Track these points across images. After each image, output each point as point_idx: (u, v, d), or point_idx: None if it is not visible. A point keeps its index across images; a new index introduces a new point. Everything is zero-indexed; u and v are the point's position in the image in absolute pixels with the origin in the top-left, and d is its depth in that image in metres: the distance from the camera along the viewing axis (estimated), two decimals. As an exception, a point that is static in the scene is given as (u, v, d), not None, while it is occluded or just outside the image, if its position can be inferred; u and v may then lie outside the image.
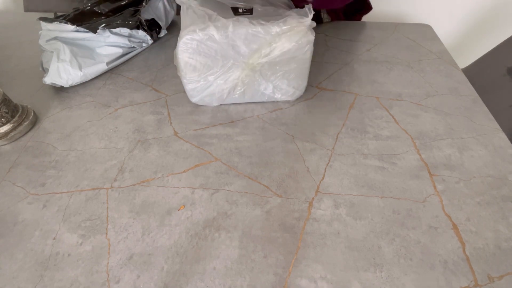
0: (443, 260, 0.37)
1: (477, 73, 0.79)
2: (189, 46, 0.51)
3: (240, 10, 0.55)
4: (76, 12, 0.72)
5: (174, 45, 0.53)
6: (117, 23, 0.71)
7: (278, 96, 0.59)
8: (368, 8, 0.86)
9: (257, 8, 0.55)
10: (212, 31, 0.49)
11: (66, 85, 0.64)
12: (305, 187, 0.45)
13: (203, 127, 0.56)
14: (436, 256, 0.37)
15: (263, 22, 0.50)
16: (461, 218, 0.41)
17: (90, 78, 0.67)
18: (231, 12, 0.54)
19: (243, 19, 0.50)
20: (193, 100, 0.59)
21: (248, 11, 0.54)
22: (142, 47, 0.78)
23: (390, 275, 0.36)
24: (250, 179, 0.47)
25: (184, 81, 0.56)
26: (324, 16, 0.85)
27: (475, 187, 0.45)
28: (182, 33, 0.51)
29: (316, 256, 0.38)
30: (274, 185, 0.46)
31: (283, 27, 0.49)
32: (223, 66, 0.54)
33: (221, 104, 0.60)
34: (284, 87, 0.58)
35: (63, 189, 0.46)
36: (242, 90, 0.57)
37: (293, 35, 0.50)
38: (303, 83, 0.59)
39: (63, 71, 0.63)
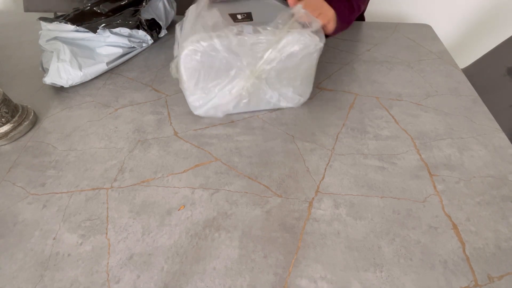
0: (443, 260, 0.37)
1: (477, 73, 0.79)
2: (192, 58, 0.49)
3: (239, 17, 0.53)
4: (76, 12, 0.72)
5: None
6: (117, 23, 0.71)
7: (283, 104, 0.58)
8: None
9: (256, 12, 0.54)
10: (216, 42, 0.47)
11: (66, 85, 0.64)
12: (305, 187, 0.45)
13: (203, 127, 0.56)
14: (436, 256, 0.37)
15: (268, 28, 0.48)
16: (461, 218, 0.41)
17: (90, 78, 0.67)
18: (230, 19, 0.52)
19: (248, 28, 0.48)
20: (197, 112, 0.57)
21: (248, 17, 0.53)
22: (142, 47, 0.78)
23: (390, 275, 0.36)
24: (250, 179, 0.47)
25: (187, 93, 0.54)
26: None
27: (475, 187, 0.45)
28: (184, 43, 0.49)
29: (316, 256, 0.38)
30: (274, 185, 0.46)
31: (279, 22, 0.48)
32: (228, 76, 0.52)
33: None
34: (290, 95, 0.57)
35: (63, 189, 0.46)
36: (247, 100, 0.55)
37: (293, 31, 0.49)
38: (308, 90, 0.58)
39: (63, 71, 0.63)
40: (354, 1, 0.63)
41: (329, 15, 0.55)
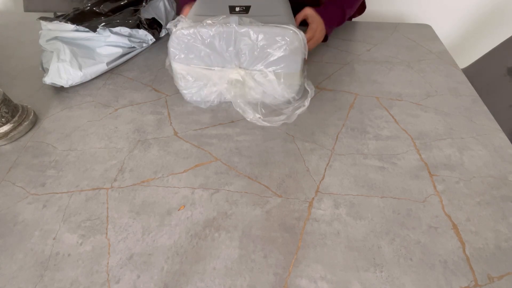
0: (443, 260, 0.37)
1: (477, 73, 0.79)
2: (178, 43, 0.51)
3: (237, 9, 0.54)
4: (76, 12, 0.72)
5: (174, 45, 0.53)
6: (117, 22, 0.71)
7: (268, 101, 0.58)
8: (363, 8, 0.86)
9: (256, 6, 0.55)
10: (198, 30, 0.50)
11: (66, 85, 0.64)
12: (305, 187, 0.45)
13: (203, 127, 0.56)
14: (436, 256, 0.37)
15: (251, 21, 0.50)
16: (461, 218, 0.41)
17: (90, 78, 0.67)
18: (227, 10, 0.54)
19: (234, 19, 0.50)
20: (185, 98, 0.60)
21: (245, 10, 0.54)
22: (142, 47, 0.78)
23: (390, 275, 0.36)
24: (250, 179, 0.47)
25: (179, 82, 0.57)
26: None
27: (475, 187, 0.45)
28: (171, 31, 0.52)
29: (316, 256, 0.38)
30: (274, 185, 0.46)
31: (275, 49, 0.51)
32: (213, 65, 0.54)
33: (221, 104, 0.60)
34: (277, 92, 0.56)
35: (63, 189, 0.46)
36: (232, 93, 0.56)
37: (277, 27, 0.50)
38: (295, 88, 0.57)
39: (63, 71, 0.63)
40: (346, 9, 0.68)
41: (319, 40, 0.65)
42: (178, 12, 0.88)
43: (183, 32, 0.50)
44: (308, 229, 0.40)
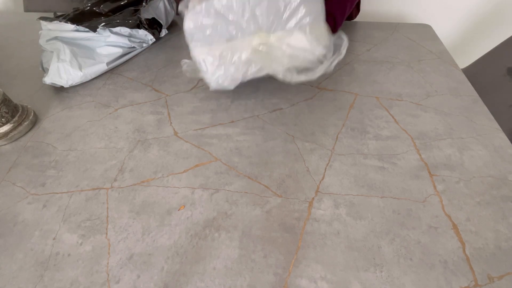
0: (443, 260, 0.37)
1: (477, 73, 0.79)
2: (195, 22, 0.50)
3: None
4: (76, 12, 0.72)
5: (175, 45, 0.53)
6: (117, 22, 0.71)
7: (299, 63, 0.54)
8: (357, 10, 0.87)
9: None
10: (209, 5, 0.48)
11: (66, 85, 0.64)
12: (305, 187, 0.45)
13: (203, 127, 0.56)
14: (436, 256, 0.37)
15: None
16: (461, 218, 0.41)
17: (90, 78, 0.67)
18: None
19: None
20: (212, 86, 0.56)
21: None
22: (143, 47, 0.78)
23: (390, 275, 0.36)
24: (250, 179, 0.47)
25: (202, 67, 0.54)
26: None
27: (475, 187, 0.45)
28: (185, 12, 0.50)
29: (316, 256, 0.38)
30: (274, 185, 0.46)
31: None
32: (234, 39, 0.51)
33: (221, 104, 0.60)
34: (307, 47, 0.52)
35: (63, 189, 0.46)
36: (259, 62, 0.53)
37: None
38: (324, 34, 0.53)
39: (63, 71, 0.63)
40: (337, 17, 0.68)
41: None
42: (178, 13, 0.88)
43: (195, 10, 0.49)
44: (308, 229, 0.40)
